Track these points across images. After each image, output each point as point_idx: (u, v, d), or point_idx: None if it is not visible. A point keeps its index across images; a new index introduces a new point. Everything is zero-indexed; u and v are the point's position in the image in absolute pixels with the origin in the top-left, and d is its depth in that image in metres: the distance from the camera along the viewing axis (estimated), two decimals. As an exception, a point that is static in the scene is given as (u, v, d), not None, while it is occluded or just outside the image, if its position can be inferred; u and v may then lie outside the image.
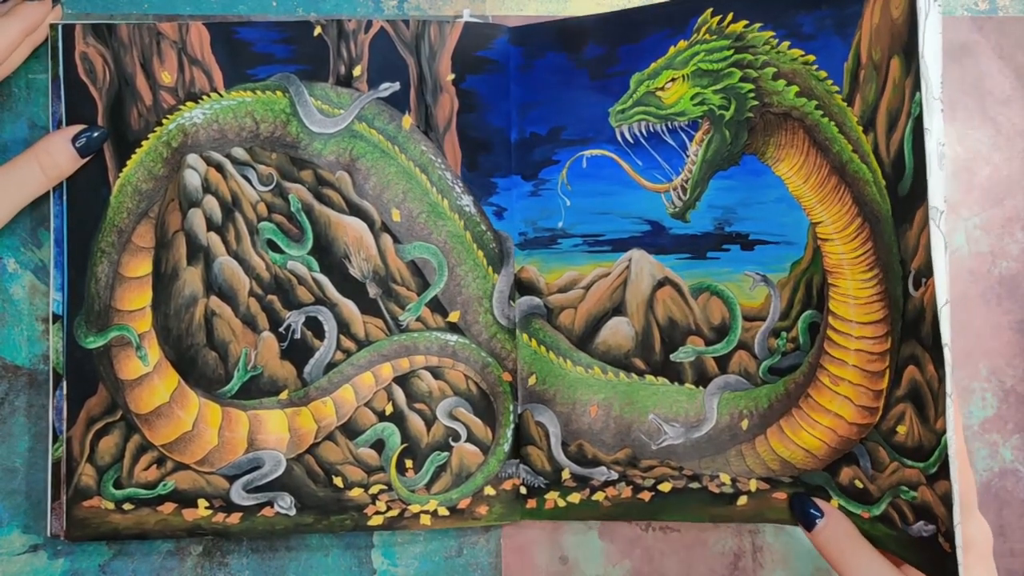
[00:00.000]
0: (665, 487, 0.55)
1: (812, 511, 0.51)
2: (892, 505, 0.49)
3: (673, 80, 0.52)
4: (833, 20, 0.48)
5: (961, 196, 0.57)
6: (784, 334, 0.53)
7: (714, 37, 0.51)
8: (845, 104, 0.49)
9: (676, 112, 0.53)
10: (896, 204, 0.47)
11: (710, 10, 0.51)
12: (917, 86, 0.44)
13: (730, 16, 0.51)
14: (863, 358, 0.50)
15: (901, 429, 0.48)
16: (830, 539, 0.50)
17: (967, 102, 0.58)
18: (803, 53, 0.50)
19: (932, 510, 0.46)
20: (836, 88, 0.49)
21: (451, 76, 0.54)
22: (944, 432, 0.45)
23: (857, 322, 0.50)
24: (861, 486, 0.51)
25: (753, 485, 0.54)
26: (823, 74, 0.50)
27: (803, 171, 0.51)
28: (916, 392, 0.47)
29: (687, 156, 0.53)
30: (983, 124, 0.57)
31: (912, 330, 0.47)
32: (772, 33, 0.50)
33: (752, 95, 0.51)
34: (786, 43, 0.50)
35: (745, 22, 0.51)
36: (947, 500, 0.44)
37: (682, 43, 0.52)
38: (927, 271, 0.45)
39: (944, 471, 0.45)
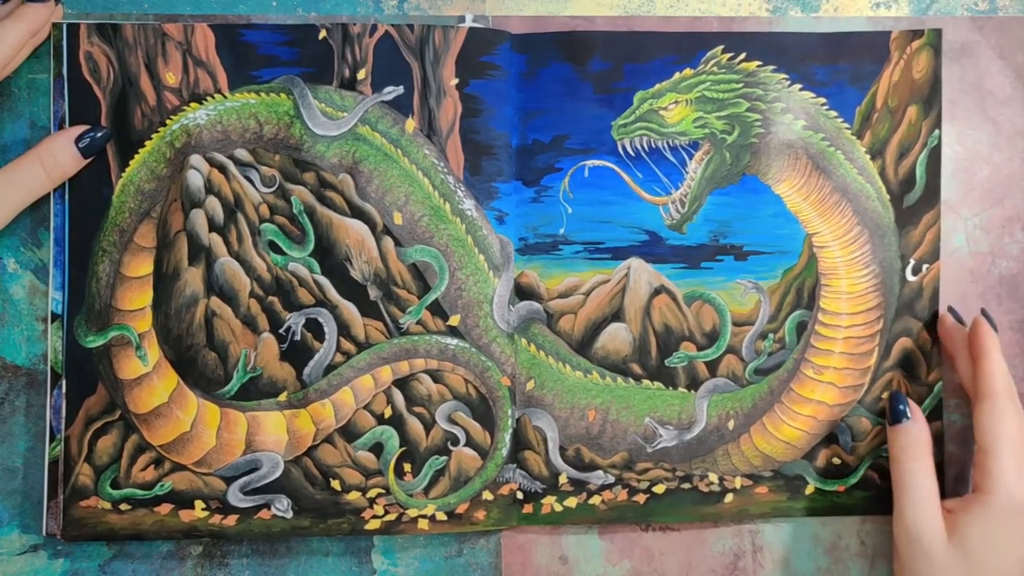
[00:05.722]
0: (659, 489, 0.56)
1: (903, 409, 0.55)
2: (871, 468, 0.57)
3: (676, 102, 0.55)
4: (850, 74, 0.56)
5: (961, 196, 0.58)
6: (771, 336, 0.56)
7: (722, 71, 0.55)
8: (854, 137, 0.57)
9: (678, 131, 0.55)
10: (901, 212, 0.57)
11: (721, 47, 0.55)
12: (936, 125, 0.57)
13: (743, 56, 0.55)
14: (851, 344, 0.56)
15: (886, 395, 0.57)
16: (905, 439, 0.54)
17: (967, 102, 0.58)
18: (814, 96, 0.56)
19: None
20: (846, 125, 0.56)
21: (455, 81, 0.54)
22: (938, 381, 0.57)
23: (848, 314, 0.56)
24: (839, 462, 0.57)
25: (738, 482, 0.56)
26: (833, 113, 0.56)
27: (803, 191, 0.56)
28: (907, 358, 0.57)
29: (686, 172, 0.56)
30: (983, 124, 0.58)
31: (907, 308, 0.57)
32: (785, 76, 0.56)
33: (758, 124, 0.55)
34: (797, 85, 0.56)
35: (758, 63, 0.55)
36: (937, 439, 0.56)
37: (688, 71, 0.55)
38: (930, 258, 0.56)
39: (935, 414, 0.56)
